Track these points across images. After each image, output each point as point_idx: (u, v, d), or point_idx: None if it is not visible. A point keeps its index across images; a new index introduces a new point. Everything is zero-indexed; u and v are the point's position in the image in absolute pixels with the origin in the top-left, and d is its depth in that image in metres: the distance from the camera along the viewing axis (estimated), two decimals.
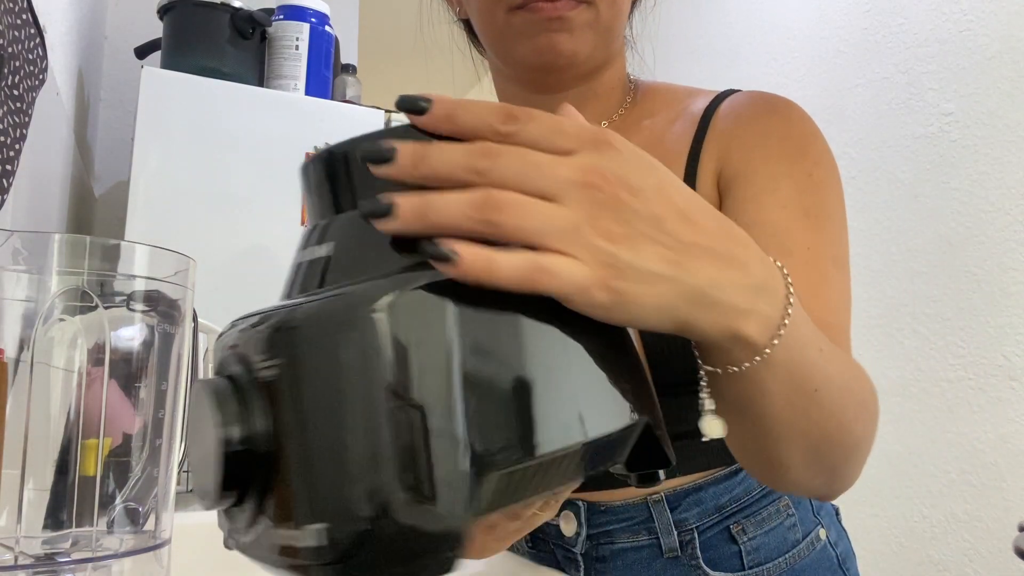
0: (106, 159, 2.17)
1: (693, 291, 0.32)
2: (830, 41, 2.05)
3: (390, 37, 3.86)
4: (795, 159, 0.60)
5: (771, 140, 0.62)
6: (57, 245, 0.45)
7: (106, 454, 0.44)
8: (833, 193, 0.61)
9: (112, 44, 2.21)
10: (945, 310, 1.67)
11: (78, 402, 0.43)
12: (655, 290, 0.31)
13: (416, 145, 0.29)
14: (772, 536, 0.66)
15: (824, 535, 0.69)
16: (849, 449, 0.48)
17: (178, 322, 0.48)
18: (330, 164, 0.32)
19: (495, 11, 0.64)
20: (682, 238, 0.32)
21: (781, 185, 0.59)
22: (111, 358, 0.44)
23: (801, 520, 0.68)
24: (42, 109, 1.10)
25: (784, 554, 0.66)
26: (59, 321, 0.44)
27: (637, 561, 0.65)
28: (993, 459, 1.54)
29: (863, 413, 0.48)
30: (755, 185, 0.59)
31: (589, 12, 0.62)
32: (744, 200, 0.59)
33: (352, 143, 0.31)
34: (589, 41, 0.64)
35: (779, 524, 0.66)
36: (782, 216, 0.57)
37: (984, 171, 1.62)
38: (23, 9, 0.91)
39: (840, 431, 0.46)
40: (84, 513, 0.43)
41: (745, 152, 0.61)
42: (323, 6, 1.94)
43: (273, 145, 1.83)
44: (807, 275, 0.56)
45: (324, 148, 0.32)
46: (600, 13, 0.63)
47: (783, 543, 0.66)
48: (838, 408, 0.45)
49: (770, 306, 0.36)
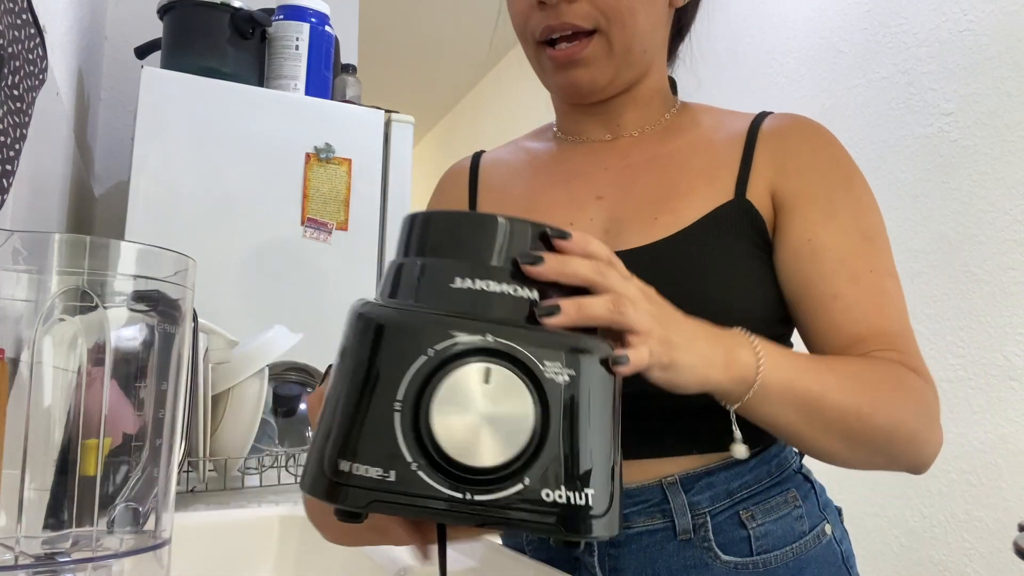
0: (106, 159, 2.17)
1: (704, 359, 0.51)
2: (830, 41, 2.05)
3: (390, 37, 3.86)
4: (847, 186, 0.70)
5: (825, 166, 0.70)
6: (57, 245, 0.45)
7: (106, 454, 0.44)
8: (878, 213, 0.71)
9: (112, 44, 2.21)
10: (945, 310, 1.67)
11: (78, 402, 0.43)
12: (688, 360, 0.49)
13: (557, 257, 0.43)
14: (780, 524, 0.68)
15: (830, 531, 0.72)
16: (886, 432, 0.60)
17: (178, 322, 0.48)
18: (496, 228, 0.43)
19: (527, 44, 0.73)
20: (691, 330, 0.51)
21: (839, 211, 0.68)
22: (111, 358, 0.44)
23: (808, 513, 0.71)
24: (42, 109, 1.10)
25: (791, 544, 0.68)
26: (59, 321, 0.44)
27: (651, 544, 0.67)
28: (993, 459, 1.54)
29: (890, 400, 0.60)
30: (817, 209, 0.68)
31: (600, 43, 0.69)
32: (810, 222, 0.68)
33: (519, 231, 0.43)
34: (607, 68, 0.71)
35: (787, 514, 0.69)
36: (844, 242, 0.67)
37: (984, 171, 1.62)
38: (23, 9, 0.91)
39: (861, 420, 0.58)
40: (84, 513, 0.43)
41: (802, 175, 0.69)
42: (323, 6, 1.94)
43: (273, 145, 1.83)
44: (872, 296, 0.66)
45: (504, 218, 0.43)
46: (612, 41, 0.69)
47: (790, 532, 0.69)
48: (850, 407, 0.58)
49: (744, 362, 0.54)
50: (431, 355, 0.37)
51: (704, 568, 0.66)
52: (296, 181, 1.85)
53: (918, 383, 0.64)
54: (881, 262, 0.68)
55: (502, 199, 0.80)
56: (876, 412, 0.59)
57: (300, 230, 1.84)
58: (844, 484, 1.88)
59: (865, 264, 0.67)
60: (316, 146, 1.87)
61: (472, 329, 0.38)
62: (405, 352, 0.38)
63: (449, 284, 0.40)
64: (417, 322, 0.39)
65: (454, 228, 0.43)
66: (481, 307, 0.40)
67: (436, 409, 0.36)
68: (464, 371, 0.37)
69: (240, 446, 1.19)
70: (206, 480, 1.15)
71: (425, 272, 0.42)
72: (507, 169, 0.83)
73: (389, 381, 0.37)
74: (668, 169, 0.73)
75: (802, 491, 0.72)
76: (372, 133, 1.94)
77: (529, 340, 0.38)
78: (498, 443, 0.37)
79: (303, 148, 1.86)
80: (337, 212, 1.88)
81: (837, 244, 0.67)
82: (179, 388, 0.49)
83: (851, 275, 0.66)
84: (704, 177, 0.71)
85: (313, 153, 1.87)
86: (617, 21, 0.69)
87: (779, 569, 0.67)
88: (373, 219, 1.92)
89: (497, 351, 0.38)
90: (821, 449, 0.61)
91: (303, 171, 1.85)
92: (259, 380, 1.20)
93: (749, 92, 2.32)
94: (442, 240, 0.43)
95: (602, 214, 0.73)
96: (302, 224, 1.84)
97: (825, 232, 0.67)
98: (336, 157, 1.89)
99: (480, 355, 0.37)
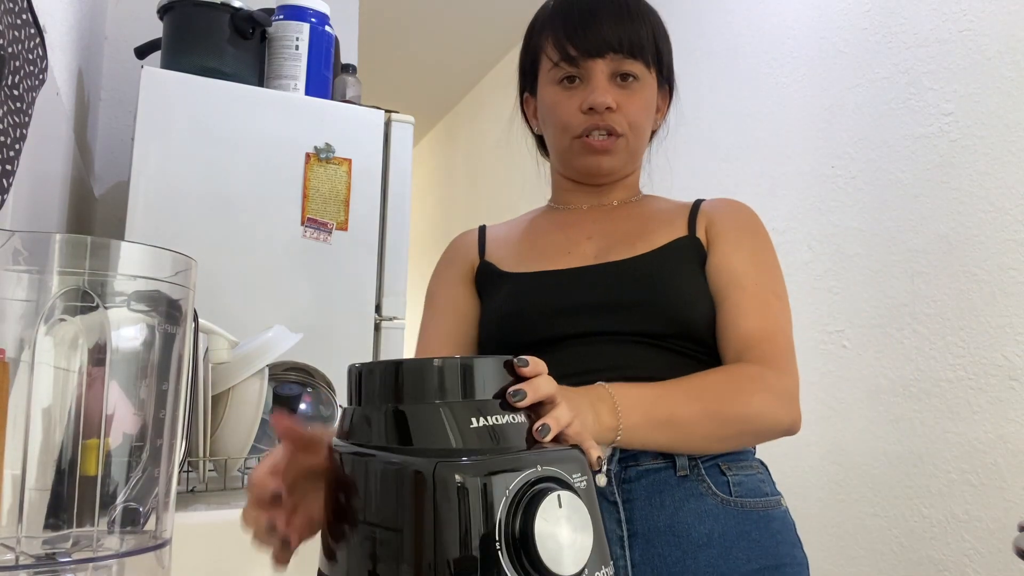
0: (106, 159, 2.17)
1: (586, 427, 0.68)
2: (830, 41, 2.05)
3: (390, 37, 3.85)
4: (752, 236, 0.98)
5: (737, 222, 0.99)
6: (57, 245, 0.45)
7: (106, 454, 0.44)
8: (773, 255, 0.99)
9: (112, 44, 2.21)
10: (945, 310, 1.67)
11: (78, 402, 0.43)
12: (575, 429, 0.61)
13: (530, 386, 0.53)
14: (750, 479, 0.90)
15: (783, 503, 0.92)
16: (737, 418, 0.83)
17: (179, 322, 0.48)
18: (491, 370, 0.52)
19: (563, 137, 1.00)
20: (581, 405, 0.72)
21: (743, 247, 0.96)
22: (112, 358, 0.44)
23: (767, 482, 0.92)
24: (42, 109, 1.10)
25: (759, 497, 0.89)
26: (60, 321, 0.43)
27: (658, 479, 0.86)
28: (993, 459, 1.54)
29: (732, 393, 0.84)
30: (730, 246, 0.96)
31: (623, 142, 0.98)
32: (722, 255, 0.95)
33: (495, 376, 0.52)
34: (621, 160, 1.00)
35: (754, 475, 0.91)
36: (743, 266, 0.94)
37: (984, 171, 1.62)
38: (23, 9, 0.91)
39: (711, 419, 0.82)
40: (84, 513, 0.43)
41: (723, 225, 0.98)
42: (323, 6, 1.94)
43: (273, 145, 1.83)
44: (756, 304, 0.91)
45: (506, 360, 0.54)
46: (629, 142, 0.99)
47: (757, 488, 0.90)
48: (697, 410, 0.82)
49: (608, 419, 0.75)
50: (509, 495, 0.44)
51: (699, 498, 0.86)
52: (296, 181, 1.85)
53: (760, 373, 0.86)
54: (768, 285, 0.94)
55: (506, 246, 1.05)
56: (720, 408, 0.83)
57: (300, 230, 1.84)
58: (845, 484, 1.88)
59: (754, 282, 0.93)
60: (316, 146, 1.87)
61: (523, 463, 0.46)
62: (493, 499, 0.44)
63: (469, 425, 0.48)
64: (490, 468, 0.45)
65: (435, 374, 0.49)
66: (501, 440, 0.49)
67: (539, 540, 0.43)
68: (546, 502, 0.44)
69: (240, 446, 1.19)
70: (206, 480, 1.15)
71: (435, 416, 0.48)
72: (509, 227, 1.10)
73: (486, 525, 0.43)
74: (640, 218, 1.02)
75: (762, 467, 0.94)
76: (372, 133, 1.94)
77: (554, 460, 0.48)
78: (583, 550, 0.45)
79: (303, 148, 1.86)
80: (337, 212, 1.88)
81: (738, 267, 0.94)
82: (179, 388, 0.49)
83: (738, 285, 0.92)
84: (665, 224, 1.00)
85: (313, 153, 1.86)
86: (635, 130, 0.98)
87: (752, 514, 0.87)
88: (373, 219, 1.92)
89: (546, 476, 0.46)
90: (698, 450, 0.86)
91: (303, 171, 1.85)
92: (259, 380, 1.20)
93: (749, 92, 2.32)
94: (427, 385, 0.49)
95: (593, 245, 0.99)
96: (302, 224, 1.84)
97: (732, 258, 0.95)
98: (336, 157, 1.89)
99: (539, 483, 0.46)
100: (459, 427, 0.47)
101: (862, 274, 1.86)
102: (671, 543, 0.84)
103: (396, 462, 0.46)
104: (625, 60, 0.96)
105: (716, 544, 0.84)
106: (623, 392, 0.77)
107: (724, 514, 0.86)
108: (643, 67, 0.97)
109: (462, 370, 0.50)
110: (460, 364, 0.50)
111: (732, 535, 0.85)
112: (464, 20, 3.67)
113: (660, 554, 0.84)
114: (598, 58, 0.95)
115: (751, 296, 0.91)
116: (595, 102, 0.95)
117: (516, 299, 0.96)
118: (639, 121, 0.98)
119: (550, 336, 0.92)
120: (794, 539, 0.91)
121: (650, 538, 0.85)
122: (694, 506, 0.85)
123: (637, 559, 0.84)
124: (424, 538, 0.43)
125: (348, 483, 0.48)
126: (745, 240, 0.97)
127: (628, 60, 0.96)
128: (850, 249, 1.91)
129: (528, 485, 0.45)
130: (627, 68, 0.96)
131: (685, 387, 0.83)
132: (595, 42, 0.95)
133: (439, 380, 0.49)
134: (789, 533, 0.90)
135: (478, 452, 0.46)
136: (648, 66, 0.98)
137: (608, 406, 0.76)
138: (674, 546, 0.84)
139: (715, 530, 0.85)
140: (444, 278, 1.07)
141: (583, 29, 0.96)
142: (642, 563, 0.84)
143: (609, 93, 0.95)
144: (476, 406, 0.49)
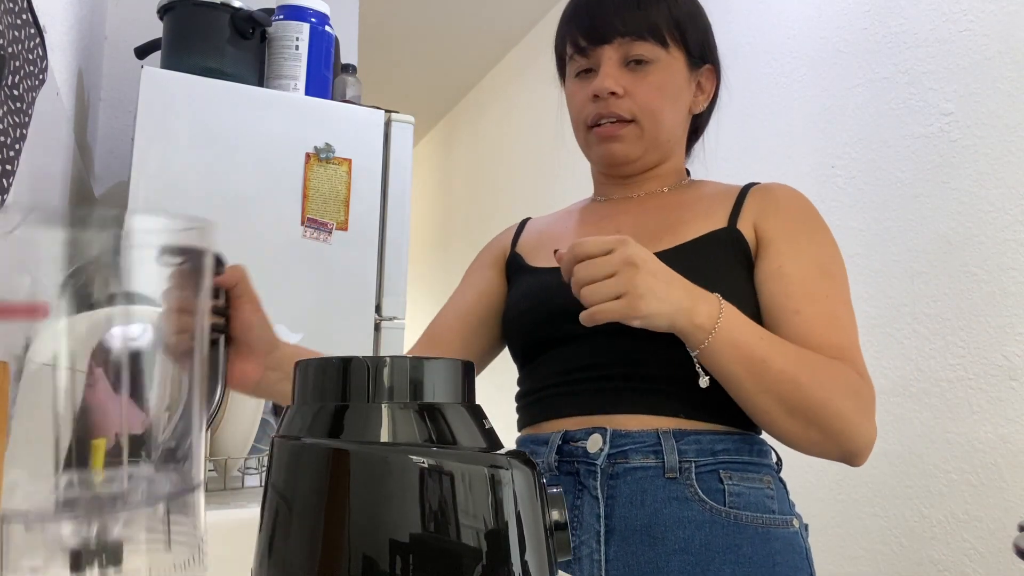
0: (106, 159, 2.17)
1: (674, 307, 0.76)
2: (830, 41, 2.05)
3: (390, 37, 3.85)
4: (811, 234, 0.91)
5: (797, 216, 0.92)
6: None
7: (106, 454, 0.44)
8: (839, 257, 0.92)
9: (112, 44, 2.21)
10: (945, 310, 1.67)
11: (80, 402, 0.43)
12: (655, 306, 0.74)
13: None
14: (752, 493, 0.85)
15: (797, 525, 0.87)
16: (819, 403, 0.78)
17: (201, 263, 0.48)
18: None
19: (579, 128, 1.00)
20: (662, 282, 0.76)
21: (805, 250, 0.89)
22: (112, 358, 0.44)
23: (779, 499, 0.86)
24: (42, 109, 1.10)
25: (760, 513, 0.84)
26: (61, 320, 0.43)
27: (643, 478, 0.84)
28: (993, 459, 1.54)
29: (826, 379, 0.79)
30: (787, 245, 0.89)
31: (635, 128, 0.95)
32: (781, 254, 0.89)
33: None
34: (638, 147, 0.96)
35: (759, 489, 0.85)
36: (806, 272, 0.87)
37: (984, 171, 1.62)
38: (23, 9, 0.91)
39: (798, 389, 0.78)
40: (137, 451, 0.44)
41: (779, 218, 0.91)
42: (323, 6, 1.94)
43: (273, 145, 1.83)
44: (826, 316, 0.85)
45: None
46: (644, 129, 0.95)
47: (760, 503, 0.84)
48: (789, 375, 0.77)
49: (707, 313, 0.77)
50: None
51: (684, 503, 0.83)
52: (296, 181, 1.85)
53: (855, 376, 0.82)
54: (836, 292, 0.88)
55: (538, 239, 1.07)
56: (812, 384, 0.78)
57: (300, 230, 1.84)
58: (845, 484, 1.88)
59: (822, 291, 0.87)
60: (316, 146, 1.87)
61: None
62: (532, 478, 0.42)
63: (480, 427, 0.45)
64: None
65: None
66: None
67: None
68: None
69: (240, 446, 1.19)
70: (206, 480, 1.15)
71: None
72: (550, 220, 1.12)
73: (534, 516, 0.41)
74: (673, 210, 0.97)
75: (776, 483, 0.88)
76: (372, 133, 1.94)
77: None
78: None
79: (303, 148, 1.86)
80: (337, 212, 1.88)
81: (802, 274, 0.87)
82: (203, 324, 0.50)
83: (810, 297, 0.86)
84: (702, 215, 0.94)
85: (313, 153, 1.86)
86: (648, 115, 0.94)
87: (747, 528, 0.82)
88: (373, 219, 1.92)
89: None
90: (762, 410, 0.80)
91: (303, 171, 1.85)
92: None
93: (749, 92, 2.32)
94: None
95: None
96: (302, 224, 1.84)
97: (792, 263, 0.88)
98: (336, 157, 1.89)
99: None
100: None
101: (862, 274, 1.86)
102: (646, 543, 0.82)
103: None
104: (635, 43, 0.93)
105: (695, 552, 0.81)
106: (734, 312, 0.78)
107: (711, 523, 0.82)
108: (658, 48, 0.94)
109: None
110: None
111: (718, 546, 0.81)
112: (464, 20, 3.67)
113: (634, 552, 0.82)
114: (605, 44, 0.94)
115: (821, 309, 0.85)
116: (597, 88, 0.93)
117: (529, 296, 0.98)
118: (652, 105, 0.94)
119: (559, 336, 0.92)
120: (800, 564, 0.84)
121: (626, 536, 0.83)
122: (675, 510, 0.82)
123: (611, 555, 0.83)
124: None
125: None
126: (806, 240, 0.90)
127: (638, 42, 0.93)
128: (850, 249, 1.91)
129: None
130: (637, 51, 0.93)
131: (792, 348, 0.80)
132: (601, 28, 0.94)
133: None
134: (794, 557, 0.84)
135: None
136: (665, 46, 0.94)
137: (711, 310, 0.76)
138: (648, 547, 0.82)
139: (696, 537, 0.81)
140: (480, 259, 1.12)
141: (590, 18, 0.95)
142: (615, 559, 0.82)
143: (613, 78, 0.93)
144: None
